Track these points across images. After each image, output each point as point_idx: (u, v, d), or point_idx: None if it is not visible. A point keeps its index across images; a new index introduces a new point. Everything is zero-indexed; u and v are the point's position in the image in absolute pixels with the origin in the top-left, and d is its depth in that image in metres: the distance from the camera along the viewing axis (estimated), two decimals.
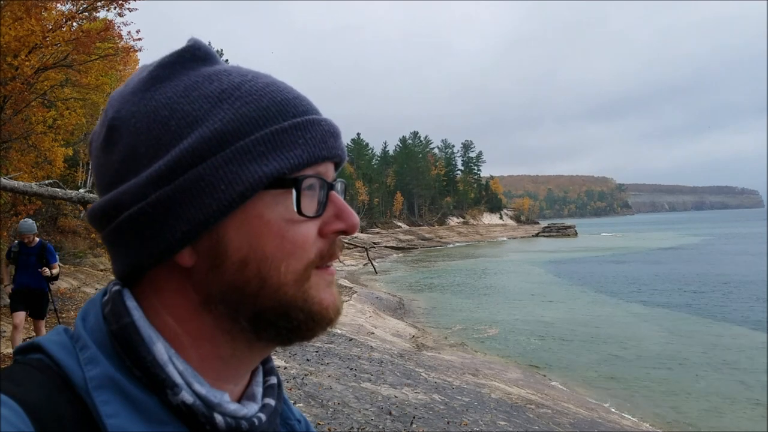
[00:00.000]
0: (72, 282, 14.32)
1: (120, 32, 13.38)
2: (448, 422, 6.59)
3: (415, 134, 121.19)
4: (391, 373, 8.83)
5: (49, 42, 11.16)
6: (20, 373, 0.48)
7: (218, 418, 0.51)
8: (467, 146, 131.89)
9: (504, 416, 7.43)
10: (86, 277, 15.32)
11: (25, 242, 7.23)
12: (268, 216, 0.52)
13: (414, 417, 6.49)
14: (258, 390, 0.60)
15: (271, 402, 0.60)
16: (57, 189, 8.71)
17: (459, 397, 8.03)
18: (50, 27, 11.12)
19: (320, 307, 0.54)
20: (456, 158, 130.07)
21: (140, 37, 13.79)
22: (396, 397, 7.33)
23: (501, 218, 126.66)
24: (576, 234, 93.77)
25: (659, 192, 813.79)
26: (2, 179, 8.04)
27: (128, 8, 12.27)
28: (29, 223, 7.37)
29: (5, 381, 0.46)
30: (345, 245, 36.37)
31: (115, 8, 12.23)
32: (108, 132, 0.53)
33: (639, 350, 14.18)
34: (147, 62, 0.58)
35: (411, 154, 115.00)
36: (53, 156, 13.80)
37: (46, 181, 9.67)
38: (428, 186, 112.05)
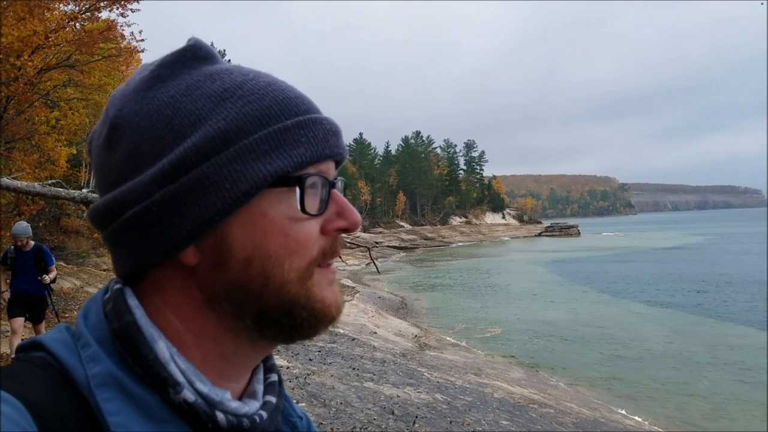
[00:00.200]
0: (75, 282, 14.35)
1: (122, 33, 13.42)
2: (451, 422, 6.59)
3: (418, 134, 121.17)
4: (394, 373, 8.83)
5: (52, 42, 11.19)
6: (22, 371, 0.48)
7: (220, 416, 0.51)
8: (470, 146, 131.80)
9: (507, 416, 7.42)
10: (89, 277, 15.35)
11: (19, 245, 6.87)
12: (272, 214, 0.52)
13: (416, 416, 6.49)
14: (259, 387, 0.60)
15: (272, 399, 0.60)
16: (60, 189, 8.74)
17: (461, 397, 8.03)
18: (53, 27, 11.14)
19: (322, 305, 0.54)
20: (458, 158, 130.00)
21: (143, 38, 13.84)
22: (398, 397, 7.33)
23: (503, 218, 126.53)
24: (579, 234, 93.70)
25: (662, 191, 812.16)
26: (5, 179, 8.06)
27: (131, 9, 12.31)
28: (23, 226, 7.00)
29: (7, 379, 0.46)
30: (347, 245, 36.57)
31: (118, 8, 12.26)
32: (110, 131, 0.53)
33: (642, 350, 14.15)
34: (148, 62, 0.58)
35: (413, 154, 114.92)
36: (56, 156, 13.85)
37: (49, 181, 9.70)
38: (431, 186, 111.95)
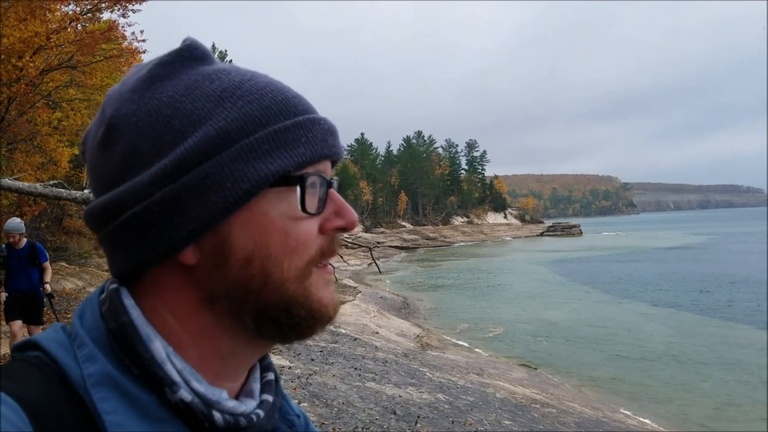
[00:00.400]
0: (77, 282, 14.38)
1: (123, 33, 13.42)
2: (453, 422, 6.58)
3: (419, 134, 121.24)
4: (396, 373, 8.83)
5: (54, 43, 11.20)
6: (18, 371, 0.48)
7: (217, 416, 0.51)
8: (471, 145, 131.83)
9: (509, 415, 7.42)
10: (91, 278, 15.37)
11: (11, 242, 6.68)
12: (272, 214, 0.52)
13: (418, 416, 6.49)
14: (256, 386, 0.60)
15: (269, 398, 0.60)
16: (61, 190, 8.75)
17: (463, 397, 8.03)
18: (54, 28, 11.16)
19: (320, 305, 0.55)
20: (460, 158, 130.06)
21: (144, 39, 13.83)
22: (400, 397, 7.33)
23: (505, 218, 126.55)
24: (581, 233, 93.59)
25: (664, 191, 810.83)
26: (7, 180, 8.07)
27: (132, 9, 12.31)
28: (16, 222, 6.80)
29: (3, 379, 0.46)
30: (349, 245, 36.55)
31: (119, 9, 12.26)
32: (107, 131, 0.53)
33: (644, 350, 14.13)
34: (143, 62, 0.58)
35: (415, 154, 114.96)
36: (58, 157, 13.86)
37: (51, 182, 9.71)
38: (432, 185, 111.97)
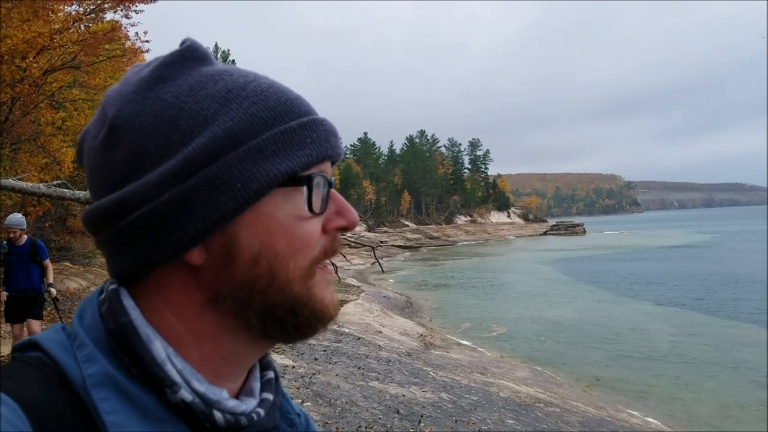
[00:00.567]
0: (81, 282, 14.41)
1: (127, 33, 13.45)
2: (456, 421, 6.58)
3: (422, 133, 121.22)
4: (399, 372, 8.83)
5: (57, 44, 11.23)
6: (18, 371, 0.48)
7: (217, 415, 0.51)
8: (474, 144, 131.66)
9: (512, 415, 7.41)
10: (95, 277, 15.41)
11: (12, 238, 6.49)
12: (279, 214, 0.52)
13: (422, 416, 6.48)
14: (256, 385, 0.60)
15: (269, 397, 0.60)
16: (65, 190, 8.77)
17: (467, 396, 8.02)
18: (57, 28, 11.19)
19: (322, 305, 0.56)
20: (463, 157, 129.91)
21: (147, 39, 13.86)
22: (404, 396, 7.33)
23: (509, 217, 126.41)
24: (584, 232, 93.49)
25: (668, 189, 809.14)
26: (11, 180, 8.09)
27: (134, 10, 12.34)
28: (18, 217, 6.60)
29: (3, 379, 0.46)
30: (352, 244, 36.55)
31: (122, 10, 12.29)
32: (109, 131, 0.52)
33: (648, 349, 14.09)
34: (142, 63, 0.58)
35: (418, 153, 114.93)
36: (62, 157, 13.89)
37: (55, 182, 9.74)
38: (435, 185, 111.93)
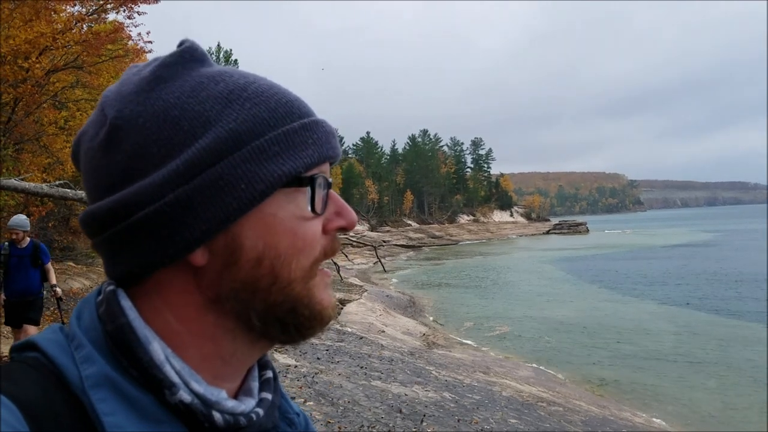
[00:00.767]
0: (84, 282, 14.44)
1: (129, 33, 13.46)
2: (459, 420, 6.59)
3: (425, 132, 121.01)
4: (402, 372, 8.83)
5: (60, 44, 11.25)
6: (15, 371, 0.48)
7: (217, 416, 0.51)
8: (477, 144, 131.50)
9: (515, 414, 7.41)
10: (98, 277, 15.42)
11: (15, 239, 6.35)
12: (281, 214, 0.53)
13: (424, 415, 6.49)
14: (254, 385, 0.60)
15: (268, 396, 0.60)
16: (67, 190, 8.79)
17: (469, 395, 8.02)
18: (60, 29, 11.20)
19: (321, 307, 0.56)
20: (465, 156, 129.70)
21: (150, 39, 13.85)
22: (406, 396, 7.33)
23: (511, 216, 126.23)
24: (587, 231, 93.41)
25: (671, 188, 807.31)
26: (13, 181, 8.11)
27: (137, 11, 12.32)
28: (21, 219, 6.47)
29: (0, 380, 0.46)
30: (354, 243, 36.53)
31: (125, 11, 12.29)
32: (110, 132, 0.52)
33: (651, 348, 14.08)
34: (140, 63, 0.58)
35: (420, 152, 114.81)
36: (65, 157, 13.89)
37: (57, 182, 9.75)
38: (438, 184, 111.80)
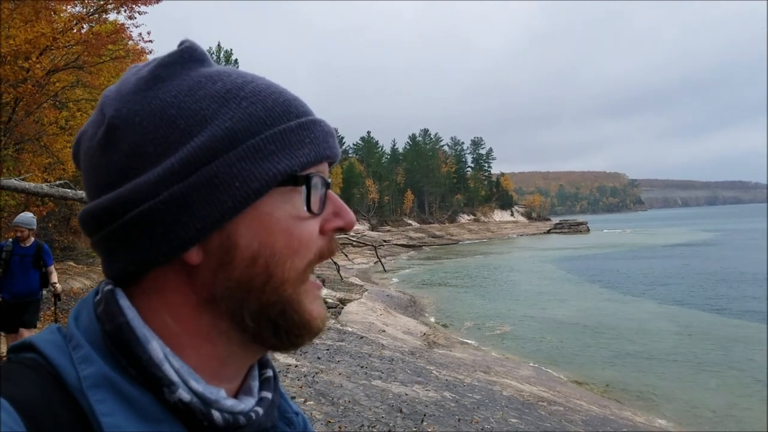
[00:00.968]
0: (84, 282, 14.46)
1: (130, 34, 13.44)
2: (459, 420, 6.58)
3: (425, 132, 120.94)
4: (402, 371, 8.83)
5: (60, 44, 11.25)
6: (13, 372, 0.48)
7: (216, 415, 0.51)
8: (477, 143, 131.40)
9: (515, 414, 7.41)
10: (99, 277, 15.44)
11: (20, 237, 6.16)
12: (277, 213, 0.53)
13: (425, 414, 6.49)
14: (254, 384, 0.60)
15: (268, 395, 0.60)
16: (67, 190, 8.80)
17: (470, 395, 8.02)
18: (60, 29, 11.20)
19: (310, 317, 0.56)
20: (466, 155, 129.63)
21: (150, 39, 13.84)
22: (407, 395, 7.33)
23: (512, 215, 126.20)
24: (588, 230, 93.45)
25: (672, 187, 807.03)
26: (14, 181, 8.11)
27: (138, 11, 12.32)
28: (28, 217, 6.33)
29: None
30: (355, 243, 36.52)
31: (126, 11, 12.28)
32: (108, 131, 0.52)
33: (652, 347, 14.08)
34: (140, 63, 0.58)
35: (421, 152, 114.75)
36: (65, 157, 13.90)
37: (57, 182, 9.76)
38: (438, 183, 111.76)
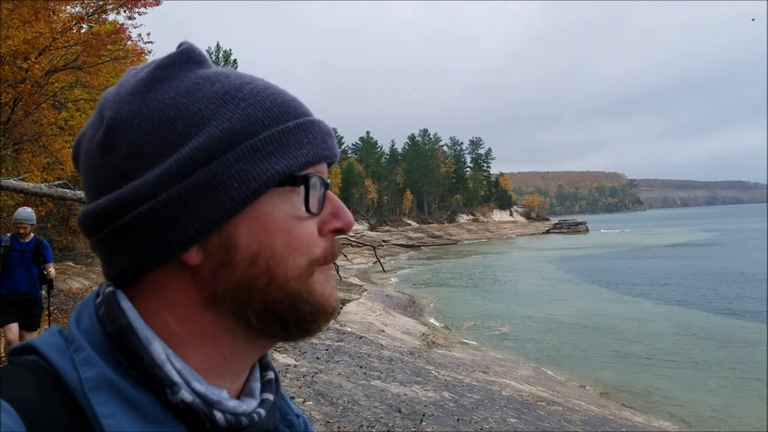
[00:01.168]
0: (84, 282, 14.43)
1: (129, 34, 13.42)
2: (458, 420, 6.59)
3: (425, 132, 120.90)
4: (401, 371, 8.83)
5: (59, 44, 11.23)
6: (12, 374, 0.48)
7: (218, 416, 0.51)
8: (476, 143, 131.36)
9: (514, 413, 7.41)
10: (98, 277, 15.41)
11: (22, 233, 6.07)
12: (276, 214, 0.53)
13: (424, 414, 6.49)
14: (256, 386, 0.60)
15: (270, 397, 0.60)
16: (66, 190, 8.79)
17: (469, 395, 8.02)
18: (59, 29, 11.18)
19: (323, 299, 0.56)
20: (465, 155, 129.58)
21: (150, 40, 13.82)
22: (406, 395, 7.33)
23: (511, 215, 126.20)
24: (587, 230, 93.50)
25: (671, 187, 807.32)
26: (12, 181, 8.10)
27: (138, 12, 12.30)
28: (28, 212, 6.24)
29: None
30: (354, 243, 36.48)
31: (125, 11, 12.26)
32: (107, 133, 0.53)
33: (652, 348, 14.07)
34: (139, 66, 0.58)
35: (420, 152, 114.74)
36: (64, 158, 13.88)
37: (56, 182, 9.75)
38: (438, 183, 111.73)
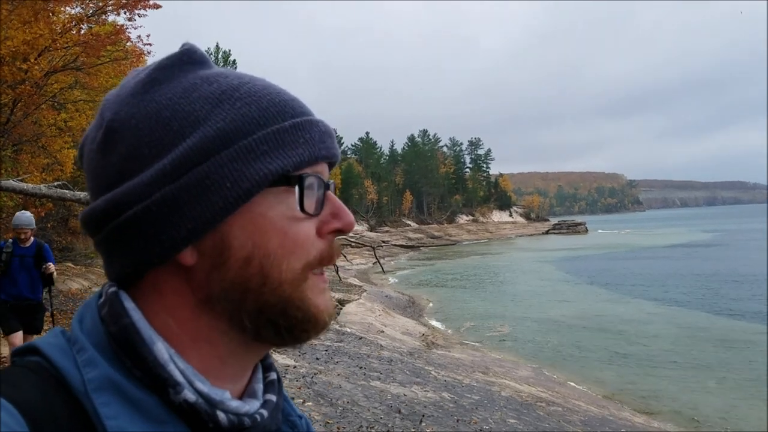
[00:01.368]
0: (83, 283, 14.43)
1: (129, 36, 13.40)
2: (458, 420, 6.58)
3: (424, 132, 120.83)
4: (401, 372, 8.83)
5: (59, 45, 11.23)
6: (15, 375, 0.48)
7: (221, 416, 0.52)
8: (475, 144, 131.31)
9: (514, 414, 7.41)
10: (97, 278, 15.41)
11: (23, 238, 5.96)
12: (271, 214, 0.52)
13: (423, 415, 6.49)
14: (259, 387, 0.60)
15: (273, 398, 0.60)
16: (65, 191, 8.79)
17: (469, 395, 8.02)
18: (59, 30, 11.17)
19: (316, 310, 0.55)
20: (464, 156, 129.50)
21: (150, 42, 13.79)
22: (405, 396, 7.33)
23: (511, 216, 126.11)
24: (586, 231, 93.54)
25: (671, 188, 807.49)
26: (12, 181, 8.10)
27: (138, 14, 12.27)
28: (27, 216, 6.12)
29: (0, 383, 0.46)
30: (353, 244, 36.45)
31: (125, 13, 12.24)
32: (106, 134, 0.53)
33: (651, 348, 14.07)
34: (140, 67, 0.58)
35: (420, 153, 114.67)
36: (63, 158, 13.88)
37: (56, 183, 9.74)
38: (437, 184, 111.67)
